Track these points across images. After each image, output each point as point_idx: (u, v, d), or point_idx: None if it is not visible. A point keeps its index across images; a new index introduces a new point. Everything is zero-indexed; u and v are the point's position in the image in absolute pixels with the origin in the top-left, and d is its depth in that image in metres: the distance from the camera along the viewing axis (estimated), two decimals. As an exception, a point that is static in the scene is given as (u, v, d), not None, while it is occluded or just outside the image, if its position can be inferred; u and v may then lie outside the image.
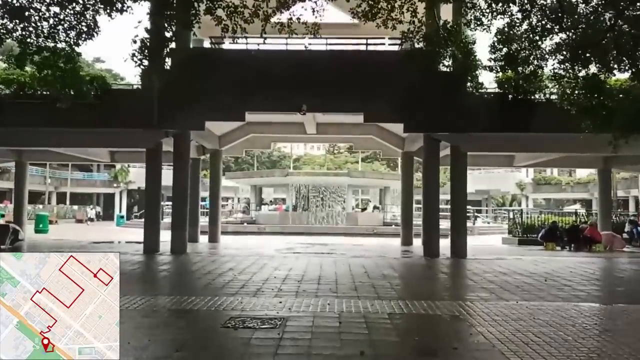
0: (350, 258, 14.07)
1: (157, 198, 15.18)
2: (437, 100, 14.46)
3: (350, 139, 21.65)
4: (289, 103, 14.49)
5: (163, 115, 14.40)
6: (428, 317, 6.83)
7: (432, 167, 15.07)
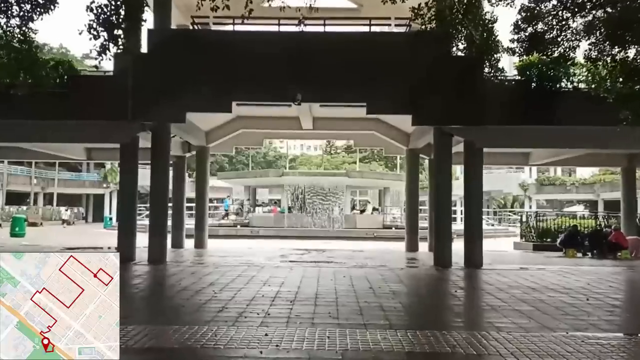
0: (351, 268, 12.35)
1: (132, 200, 13.42)
2: (450, 88, 12.76)
3: (350, 135, 19.95)
4: (281, 92, 12.77)
5: (138, 105, 12.66)
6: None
7: (444, 164, 13.37)
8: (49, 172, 49.17)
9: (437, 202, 13.41)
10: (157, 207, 13.34)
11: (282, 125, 18.17)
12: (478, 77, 12.56)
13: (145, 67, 12.71)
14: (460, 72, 12.54)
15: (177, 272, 11.56)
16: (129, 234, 13.15)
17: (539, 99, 12.52)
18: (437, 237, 13.34)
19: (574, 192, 50.28)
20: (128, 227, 13.20)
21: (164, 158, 13.43)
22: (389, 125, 17.94)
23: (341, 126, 18.11)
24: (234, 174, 43.03)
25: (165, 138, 13.43)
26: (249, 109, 17.05)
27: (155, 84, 12.74)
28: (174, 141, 17.01)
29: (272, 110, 17.08)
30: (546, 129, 12.93)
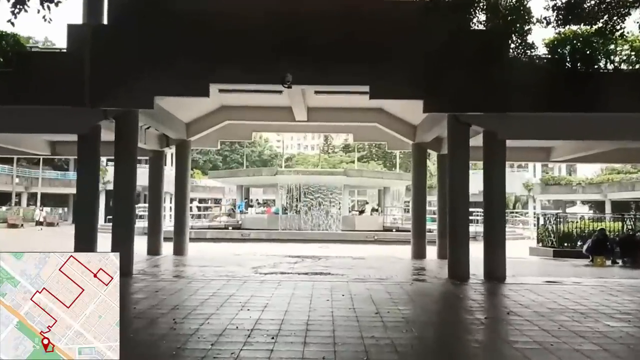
0: (351, 282, 10.33)
1: (91, 202, 11.37)
2: (468, 69, 10.76)
3: (349, 128, 17.91)
4: (269, 73, 10.73)
5: (97, 88, 10.62)
6: None
7: (460, 159, 11.35)
8: (32, 170, 46.97)
9: (451, 203, 11.39)
10: (121, 210, 11.29)
11: (272, 117, 16.14)
12: (502, 55, 10.61)
13: (105, 41, 10.68)
14: (482, 49, 10.51)
15: (139, 288, 9.51)
16: (88, 241, 11.08)
17: (574, 82, 10.51)
18: (452, 244, 11.32)
19: (580, 192, 48.33)
20: (86, 233, 11.13)
21: (129, 152, 11.37)
22: (392, 117, 15.92)
23: (339, 117, 16.10)
24: (225, 172, 40.99)
25: (132, 128, 11.38)
26: (234, 98, 15.04)
27: (117, 63, 10.70)
28: (150, 134, 14.98)
29: (261, 99, 15.07)
30: (582, 117, 10.94)
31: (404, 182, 39.81)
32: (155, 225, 15.84)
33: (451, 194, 11.43)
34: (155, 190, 16.17)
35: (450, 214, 11.47)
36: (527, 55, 10.19)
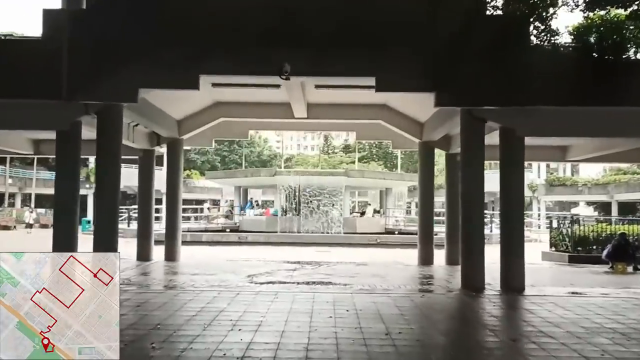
0: (356, 294, 9.33)
1: (72, 205, 10.36)
2: (484, 58, 9.77)
3: (351, 126, 16.89)
4: (265, 63, 9.72)
5: (76, 80, 9.63)
6: None
7: (474, 157, 10.36)
8: (26, 171, 45.97)
9: (465, 206, 10.38)
10: (103, 214, 10.29)
11: (270, 114, 15.15)
12: (523, 42, 9.65)
13: (84, 28, 9.68)
14: (499, 36, 9.55)
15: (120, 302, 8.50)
16: (67, 247, 10.08)
17: (602, 73, 9.53)
18: (465, 251, 10.32)
19: (586, 193, 47.33)
20: (66, 240, 10.14)
21: (112, 150, 10.36)
22: (398, 113, 14.94)
23: (341, 114, 15.10)
24: (222, 173, 40.05)
25: (115, 124, 10.38)
26: (229, 93, 14.07)
27: (98, 52, 9.71)
28: (139, 132, 14.01)
29: (257, 95, 14.09)
30: (610, 112, 9.96)
31: (406, 183, 38.86)
32: (145, 229, 14.86)
33: (465, 197, 10.43)
34: (146, 191, 15.18)
35: (463, 219, 10.47)
36: (550, 43, 9.21)
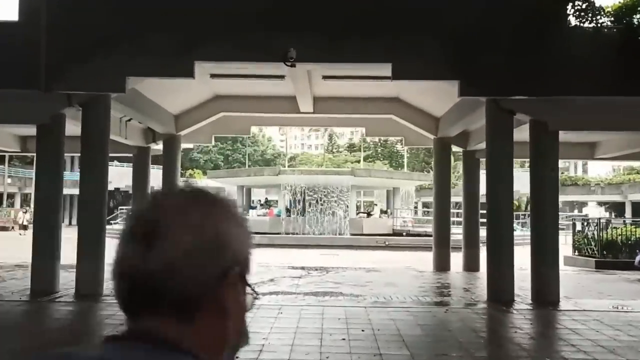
0: (370, 309, 8.23)
1: (54, 205, 9.34)
2: (514, 42, 8.69)
3: (360, 121, 15.79)
4: (268, 48, 8.68)
5: (56, 68, 8.61)
6: None
7: (502, 155, 9.27)
8: (26, 170, 45.06)
9: (492, 208, 9.30)
10: (88, 218, 9.25)
11: (274, 108, 14.10)
12: (557, 25, 8.55)
13: (65, 9, 8.65)
14: (532, 16, 8.45)
15: (101, 319, 7.49)
16: (47, 255, 9.08)
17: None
18: (492, 259, 9.22)
19: (599, 193, 46.07)
20: (46, 246, 9.12)
21: (99, 146, 9.33)
22: (411, 107, 13.86)
23: (349, 108, 14.03)
24: (224, 172, 38.97)
25: (102, 118, 9.33)
26: (229, 86, 13.04)
27: (80, 36, 8.69)
28: (133, 127, 12.99)
29: (260, 87, 13.06)
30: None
31: (414, 183, 37.78)
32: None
33: (491, 199, 9.33)
34: (140, 192, 14.13)
35: (490, 224, 9.37)
36: (592, 24, 8.11)
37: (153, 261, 0.68)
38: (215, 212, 0.73)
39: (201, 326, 0.69)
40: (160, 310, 0.68)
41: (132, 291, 0.70)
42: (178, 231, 0.69)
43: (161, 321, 0.68)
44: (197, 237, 0.69)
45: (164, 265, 0.67)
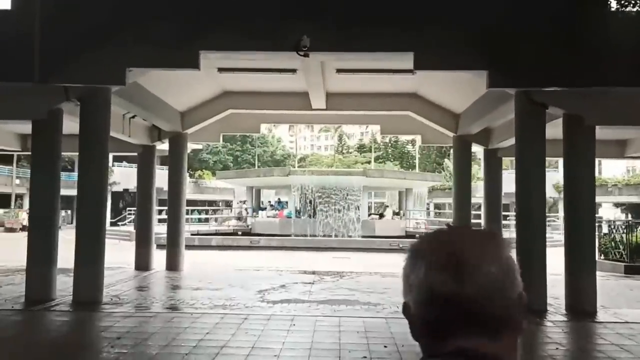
0: (391, 320, 7.49)
1: (51, 206, 8.73)
2: (549, 29, 7.96)
3: (376, 118, 15.03)
4: (278, 37, 8.01)
5: (51, 59, 8.01)
6: None
7: (533, 152, 8.52)
8: (34, 171, 44.78)
9: (523, 210, 8.56)
10: (86, 220, 8.64)
11: (284, 104, 13.44)
12: (599, 7, 7.81)
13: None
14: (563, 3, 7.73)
15: (97, 332, 6.85)
16: (42, 260, 8.48)
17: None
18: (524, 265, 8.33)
19: (616, 193, 44.91)
20: (42, 250, 8.52)
21: (99, 143, 8.71)
22: (430, 103, 13.14)
23: (364, 105, 13.34)
24: (234, 173, 38.42)
25: (101, 113, 8.71)
26: (238, 81, 12.42)
27: (77, 24, 8.08)
28: (137, 125, 12.40)
29: (270, 83, 12.43)
30: None
31: (427, 183, 37.02)
32: (144, 235, 13.24)
33: (521, 200, 8.59)
34: (145, 192, 13.55)
35: (520, 227, 8.63)
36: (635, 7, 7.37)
37: (469, 288, 0.77)
38: (499, 243, 0.83)
39: (506, 343, 0.79)
40: (473, 330, 0.78)
41: (444, 315, 0.79)
42: (484, 261, 0.79)
43: (475, 340, 0.78)
44: (498, 266, 0.80)
45: (478, 291, 0.77)
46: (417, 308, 0.81)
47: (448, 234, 0.85)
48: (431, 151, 63.30)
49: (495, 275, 0.78)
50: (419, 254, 0.83)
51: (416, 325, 0.82)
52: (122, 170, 45.68)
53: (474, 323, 0.77)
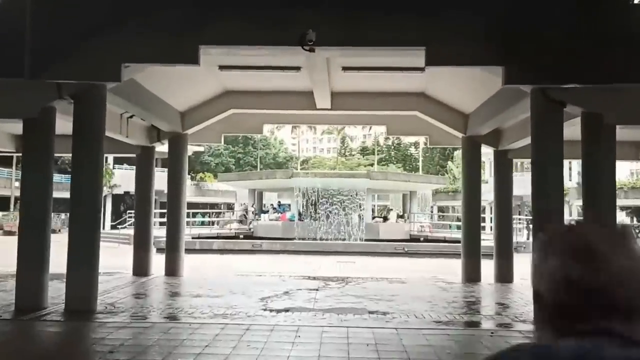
0: (402, 331, 7.04)
1: (43, 210, 8.31)
2: (566, 24, 7.52)
3: (382, 118, 14.56)
4: (282, 31, 7.58)
5: (42, 53, 7.59)
6: None
7: (550, 152, 8.07)
8: (35, 173, 44.39)
9: (540, 214, 8.09)
10: (80, 224, 8.20)
11: (288, 104, 13.01)
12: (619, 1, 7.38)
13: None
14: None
15: (93, 341, 6.41)
16: (33, 266, 8.05)
17: None
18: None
19: (622, 197, 44.28)
20: (33, 255, 8.09)
21: (93, 144, 8.29)
22: (438, 103, 12.69)
23: (370, 105, 12.89)
24: (235, 175, 38.02)
25: (96, 111, 8.29)
26: (240, 80, 12.02)
27: (70, 17, 7.66)
28: (135, 125, 12.00)
29: (273, 81, 12.02)
30: None
31: (432, 186, 36.57)
32: (143, 239, 12.80)
33: (538, 203, 8.14)
34: (143, 195, 13.11)
35: (535, 229, 8.18)
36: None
37: (603, 276, 0.84)
38: (628, 237, 0.90)
39: (638, 328, 0.84)
40: (607, 313, 0.85)
41: (580, 300, 0.85)
42: (616, 252, 0.86)
43: (609, 322, 0.84)
44: (629, 256, 0.87)
45: (612, 279, 0.84)
46: (551, 295, 0.88)
47: (580, 228, 0.93)
48: (434, 154, 62.87)
49: (627, 264, 0.85)
50: (551, 246, 0.90)
51: (547, 310, 0.88)
52: (123, 173, 45.27)
53: (608, 307, 0.84)
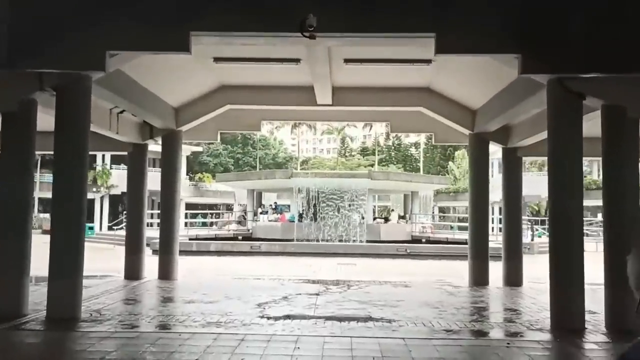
0: (410, 342, 6.45)
1: (23, 211, 7.75)
2: (586, 10, 6.95)
3: (385, 115, 13.97)
4: (280, 16, 7.02)
5: (22, 41, 7.03)
6: None
7: (569, 148, 7.50)
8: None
9: (558, 215, 7.52)
10: (62, 226, 7.62)
11: (287, 100, 12.45)
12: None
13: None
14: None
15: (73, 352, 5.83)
16: (12, 271, 7.47)
17: None
18: (561, 278, 7.40)
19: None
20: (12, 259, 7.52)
21: (77, 138, 7.72)
22: (444, 98, 12.12)
23: (373, 100, 12.33)
24: (234, 175, 37.41)
25: (80, 104, 7.72)
26: (237, 73, 11.46)
27: (51, 2, 7.10)
28: (126, 121, 11.43)
29: (272, 75, 11.48)
30: None
31: (433, 186, 36.06)
32: (135, 241, 12.21)
33: (555, 202, 7.56)
34: (136, 194, 12.53)
35: (554, 232, 7.60)
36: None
37: None
38: None
39: None
40: None
41: None
42: None
43: None
44: None
45: None
46: None
47: None
48: (435, 154, 62.34)
49: None
50: None
51: None
52: (119, 173, 44.65)
53: None
